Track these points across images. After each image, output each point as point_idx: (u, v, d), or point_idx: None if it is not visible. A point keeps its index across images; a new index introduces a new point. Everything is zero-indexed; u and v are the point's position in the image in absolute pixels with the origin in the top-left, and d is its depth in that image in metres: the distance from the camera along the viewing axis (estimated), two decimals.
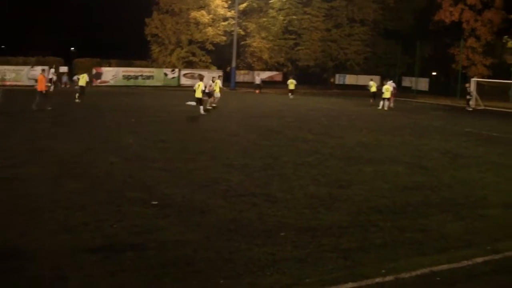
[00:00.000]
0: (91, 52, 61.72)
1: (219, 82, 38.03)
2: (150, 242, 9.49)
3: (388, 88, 43.05)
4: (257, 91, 54.53)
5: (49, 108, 30.99)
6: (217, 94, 36.52)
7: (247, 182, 14.52)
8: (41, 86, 31.70)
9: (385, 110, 40.93)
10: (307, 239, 10.03)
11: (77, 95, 38.42)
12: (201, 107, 32.26)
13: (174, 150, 19.23)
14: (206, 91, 35.00)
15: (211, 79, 38.19)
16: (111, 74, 55.85)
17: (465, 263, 9.24)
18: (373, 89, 47.27)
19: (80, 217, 10.78)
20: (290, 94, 52.58)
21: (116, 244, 9.40)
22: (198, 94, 32.44)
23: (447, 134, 27.69)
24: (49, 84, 43.80)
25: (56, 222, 10.48)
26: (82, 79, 39.76)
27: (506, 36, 67.68)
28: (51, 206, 11.55)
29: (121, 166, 16.17)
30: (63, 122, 26.10)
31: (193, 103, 33.94)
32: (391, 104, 42.67)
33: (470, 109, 47.25)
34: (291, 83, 53.49)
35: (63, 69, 55.74)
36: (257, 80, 57.57)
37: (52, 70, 51.31)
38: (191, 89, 39.50)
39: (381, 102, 42.54)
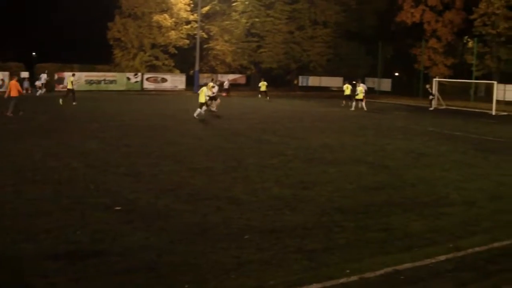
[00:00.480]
0: (53, 57, 61.08)
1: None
2: (114, 248, 9.45)
3: (362, 89, 43.72)
4: (224, 94, 54.44)
5: (21, 113, 30.93)
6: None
7: (211, 186, 14.52)
8: (14, 92, 31.80)
9: (356, 111, 41.23)
10: (271, 241, 10.07)
11: (61, 99, 39.56)
12: (198, 110, 32.39)
13: (137, 155, 19.11)
14: (211, 95, 35.37)
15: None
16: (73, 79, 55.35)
17: (428, 261, 9.35)
18: (347, 92, 47.53)
19: (42, 224, 10.68)
20: (260, 95, 53.25)
21: (80, 251, 9.33)
22: (202, 99, 32.78)
23: (410, 134, 27.96)
24: (43, 89, 48.35)
25: (18, 230, 10.36)
26: (69, 83, 41.28)
27: (466, 37, 68.43)
28: (13, 213, 11.45)
29: (84, 171, 16.04)
30: (25, 129, 25.78)
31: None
32: (364, 106, 42.90)
33: (432, 108, 47.74)
34: (263, 85, 54.06)
35: (24, 74, 55.06)
36: (226, 84, 57.36)
37: (44, 75, 51.98)
38: (153, 93, 39.40)
39: (354, 103, 42.87)
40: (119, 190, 13.73)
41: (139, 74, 60.41)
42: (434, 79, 53.51)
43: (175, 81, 62.72)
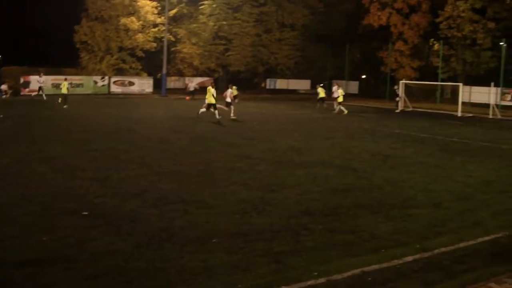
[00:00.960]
0: (18, 60, 60.40)
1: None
2: (81, 253, 9.37)
3: (342, 92, 44.08)
4: (187, 97, 54.21)
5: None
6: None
7: (179, 189, 14.48)
8: None
9: (338, 114, 41.47)
10: (239, 244, 10.06)
11: (59, 99, 41.76)
12: (216, 112, 33.48)
13: (104, 159, 19.00)
14: (228, 100, 36.09)
15: (229, 86, 40.54)
16: (39, 83, 54.76)
17: (395, 262, 9.42)
18: (322, 94, 47.76)
19: (8, 230, 10.56)
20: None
21: (47, 257, 9.25)
22: (210, 100, 33.83)
23: (376, 136, 28.16)
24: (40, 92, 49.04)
25: None
26: (64, 87, 42.71)
27: (432, 39, 69.14)
28: None
29: (51, 176, 15.90)
30: None
31: (224, 107, 35.56)
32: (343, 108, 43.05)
33: (398, 110, 48.08)
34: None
35: None
36: (191, 87, 57.36)
37: (41, 78, 51.85)
38: (121, 97, 39.25)
39: (338, 107, 42.99)
40: (86, 195, 13.63)
41: (106, 77, 60.07)
42: (401, 81, 53.94)
43: (143, 85, 62.47)
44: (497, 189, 15.88)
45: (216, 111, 33.55)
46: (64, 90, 43.06)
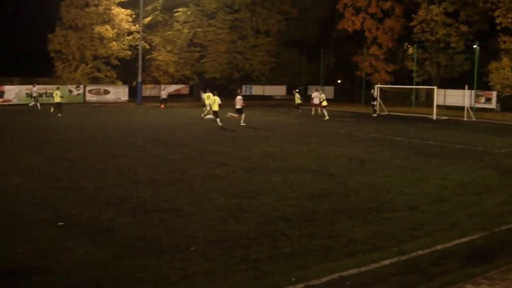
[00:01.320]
0: None
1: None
2: (57, 265, 9.31)
3: (324, 97, 44.75)
4: (161, 105, 53.96)
5: None
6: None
7: (155, 198, 14.44)
8: None
9: (322, 117, 41.55)
10: (216, 251, 10.06)
11: (51, 109, 42.08)
12: (218, 119, 34.96)
13: (80, 168, 18.85)
14: (238, 106, 36.77)
15: (237, 92, 41.15)
16: (14, 93, 54.17)
17: (373, 266, 9.49)
18: (298, 101, 47.88)
19: None
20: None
21: (22, 269, 9.20)
22: (215, 108, 35.48)
23: (352, 141, 28.28)
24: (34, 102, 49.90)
25: None
26: (56, 96, 43.10)
27: (406, 43, 69.60)
28: None
29: (26, 187, 15.77)
30: None
31: (234, 115, 37.48)
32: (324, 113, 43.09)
33: (375, 115, 48.23)
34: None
35: None
36: (163, 95, 56.79)
37: (35, 88, 52.38)
38: (96, 105, 39.05)
39: (325, 112, 42.97)
40: (61, 205, 13.54)
41: (81, 86, 59.63)
42: (376, 85, 54.20)
43: (118, 93, 62.10)
44: (473, 191, 16.03)
45: (218, 118, 35.13)
46: (56, 99, 43.18)
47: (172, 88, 65.96)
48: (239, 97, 37.79)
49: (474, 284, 8.69)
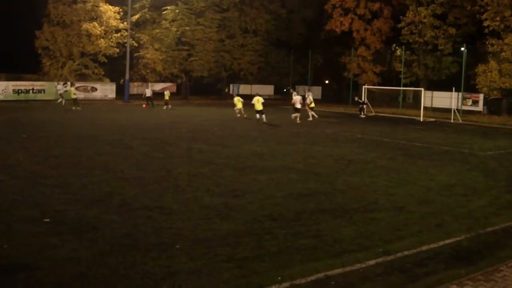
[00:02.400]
0: None
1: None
2: (42, 261, 9.28)
3: (311, 98, 44.37)
4: (143, 105, 53.29)
5: None
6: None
7: (141, 195, 14.41)
8: None
9: (313, 120, 41.45)
10: (202, 250, 10.06)
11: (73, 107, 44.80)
12: (263, 116, 37.73)
13: (66, 165, 18.80)
14: (297, 106, 38.82)
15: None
16: (0, 89, 54.07)
17: (358, 266, 9.53)
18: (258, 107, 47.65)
19: None
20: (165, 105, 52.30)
21: (6, 265, 9.15)
22: (258, 107, 37.97)
23: (339, 141, 28.35)
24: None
25: None
26: (71, 93, 47.90)
27: (394, 45, 69.89)
28: None
29: (11, 183, 15.69)
30: None
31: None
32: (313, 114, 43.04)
33: (363, 116, 48.19)
34: (167, 95, 53.99)
35: None
36: (147, 93, 55.29)
37: (60, 86, 54.54)
38: (84, 102, 39.03)
39: (311, 113, 42.83)
40: (47, 201, 13.50)
41: (69, 83, 59.41)
42: (364, 86, 54.33)
43: (105, 90, 61.97)
44: (459, 193, 16.11)
45: (263, 115, 37.79)
46: (72, 96, 47.24)
47: (159, 86, 65.79)
48: (299, 97, 39.71)
49: (459, 285, 8.72)
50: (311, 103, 43.19)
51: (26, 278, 8.56)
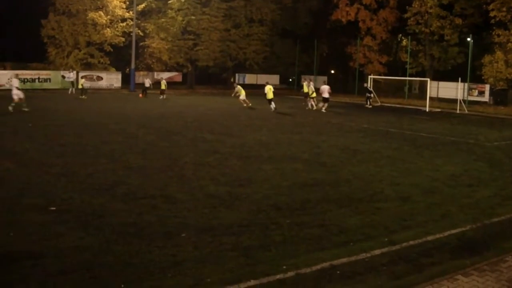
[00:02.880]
0: None
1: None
2: (48, 249, 9.31)
3: (313, 88, 43.81)
4: (140, 94, 52.69)
5: None
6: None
7: (147, 184, 14.43)
8: None
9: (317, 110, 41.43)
10: (207, 239, 10.07)
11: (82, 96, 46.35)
12: (272, 105, 38.93)
13: (72, 154, 18.84)
14: (325, 95, 39.92)
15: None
16: (6, 78, 53.97)
17: (364, 255, 9.53)
18: (308, 90, 47.08)
19: None
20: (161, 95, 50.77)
21: (13, 253, 9.18)
22: (270, 96, 39.36)
23: (345, 131, 28.30)
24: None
25: None
26: (80, 84, 49.38)
27: (400, 35, 69.67)
28: None
29: (17, 172, 15.75)
30: None
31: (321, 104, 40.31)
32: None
33: (370, 106, 48.03)
34: (163, 84, 51.75)
35: None
36: (146, 83, 54.77)
37: (71, 74, 55.40)
38: (90, 91, 39.05)
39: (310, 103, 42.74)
40: (53, 190, 13.53)
41: (74, 72, 59.38)
42: (370, 76, 54.22)
43: (111, 79, 62.00)
44: (464, 183, 16.07)
45: (272, 103, 39.08)
46: (80, 86, 48.65)
47: (165, 75, 65.75)
48: (327, 87, 40.26)
49: (464, 275, 8.71)
50: (312, 92, 42.94)
51: (32, 265, 8.58)
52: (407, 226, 11.39)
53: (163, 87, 51.66)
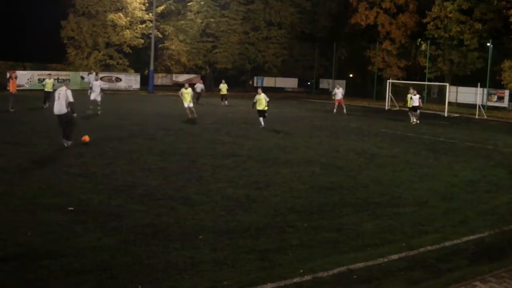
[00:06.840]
0: (4, 55, 59.88)
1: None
2: (66, 249, 9.35)
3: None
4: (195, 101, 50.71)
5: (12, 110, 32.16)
6: None
7: (165, 186, 14.47)
8: (13, 88, 33.90)
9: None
10: (224, 241, 10.08)
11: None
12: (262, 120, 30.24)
13: (90, 155, 18.92)
14: (415, 104, 37.29)
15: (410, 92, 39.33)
16: (26, 78, 54.24)
17: (381, 260, 9.49)
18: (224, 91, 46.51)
19: None
20: (223, 100, 47.40)
21: (31, 252, 9.22)
22: (262, 106, 30.24)
23: (363, 135, 28.22)
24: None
25: None
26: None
27: (419, 39, 69.38)
28: None
29: (36, 172, 15.84)
30: None
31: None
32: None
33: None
34: (224, 88, 47.99)
35: None
36: (198, 88, 48.52)
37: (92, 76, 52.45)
38: (108, 92, 39.13)
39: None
40: (71, 190, 13.59)
41: (94, 72, 59.54)
42: (388, 80, 54.09)
43: (130, 81, 62.25)
44: (483, 189, 15.97)
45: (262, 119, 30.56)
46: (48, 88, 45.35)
47: (184, 77, 65.97)
48: (418, 96, 37.69)
49: (482, 282, 8.67)
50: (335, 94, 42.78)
51: (50, 265, 8.63)
52: (425, 231, 11.34)
53: (224, 91, 47.75)
